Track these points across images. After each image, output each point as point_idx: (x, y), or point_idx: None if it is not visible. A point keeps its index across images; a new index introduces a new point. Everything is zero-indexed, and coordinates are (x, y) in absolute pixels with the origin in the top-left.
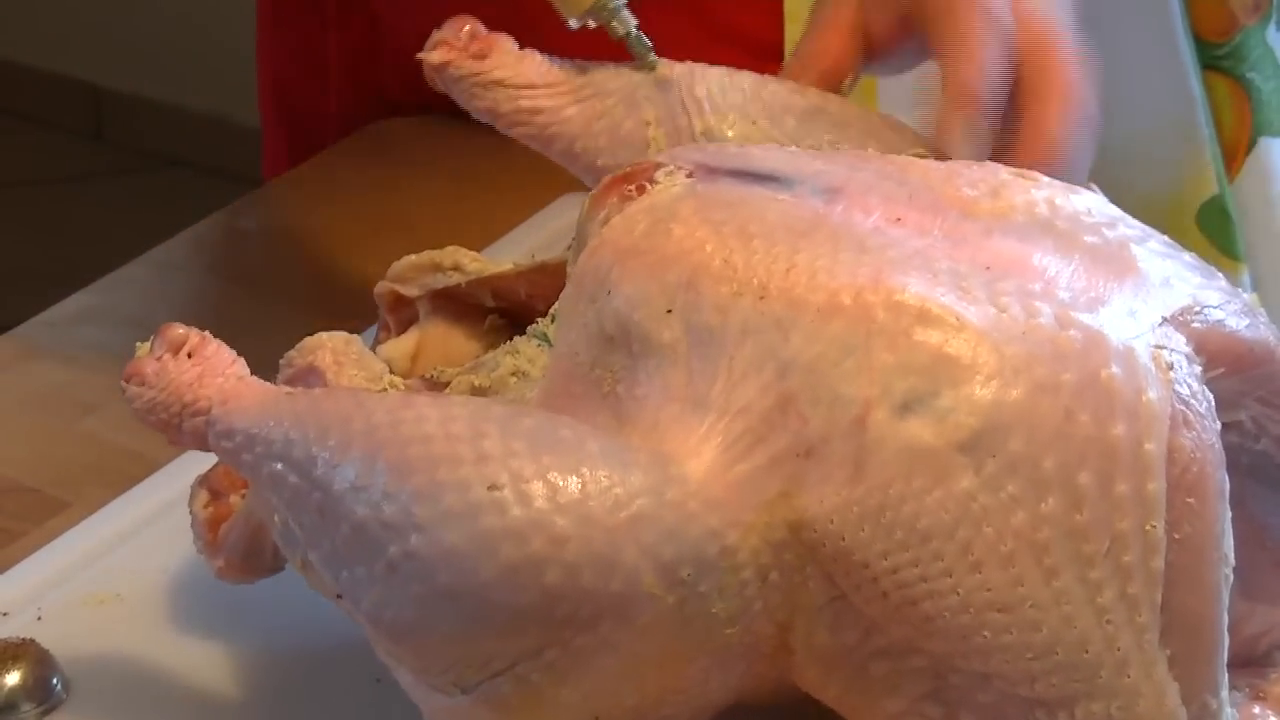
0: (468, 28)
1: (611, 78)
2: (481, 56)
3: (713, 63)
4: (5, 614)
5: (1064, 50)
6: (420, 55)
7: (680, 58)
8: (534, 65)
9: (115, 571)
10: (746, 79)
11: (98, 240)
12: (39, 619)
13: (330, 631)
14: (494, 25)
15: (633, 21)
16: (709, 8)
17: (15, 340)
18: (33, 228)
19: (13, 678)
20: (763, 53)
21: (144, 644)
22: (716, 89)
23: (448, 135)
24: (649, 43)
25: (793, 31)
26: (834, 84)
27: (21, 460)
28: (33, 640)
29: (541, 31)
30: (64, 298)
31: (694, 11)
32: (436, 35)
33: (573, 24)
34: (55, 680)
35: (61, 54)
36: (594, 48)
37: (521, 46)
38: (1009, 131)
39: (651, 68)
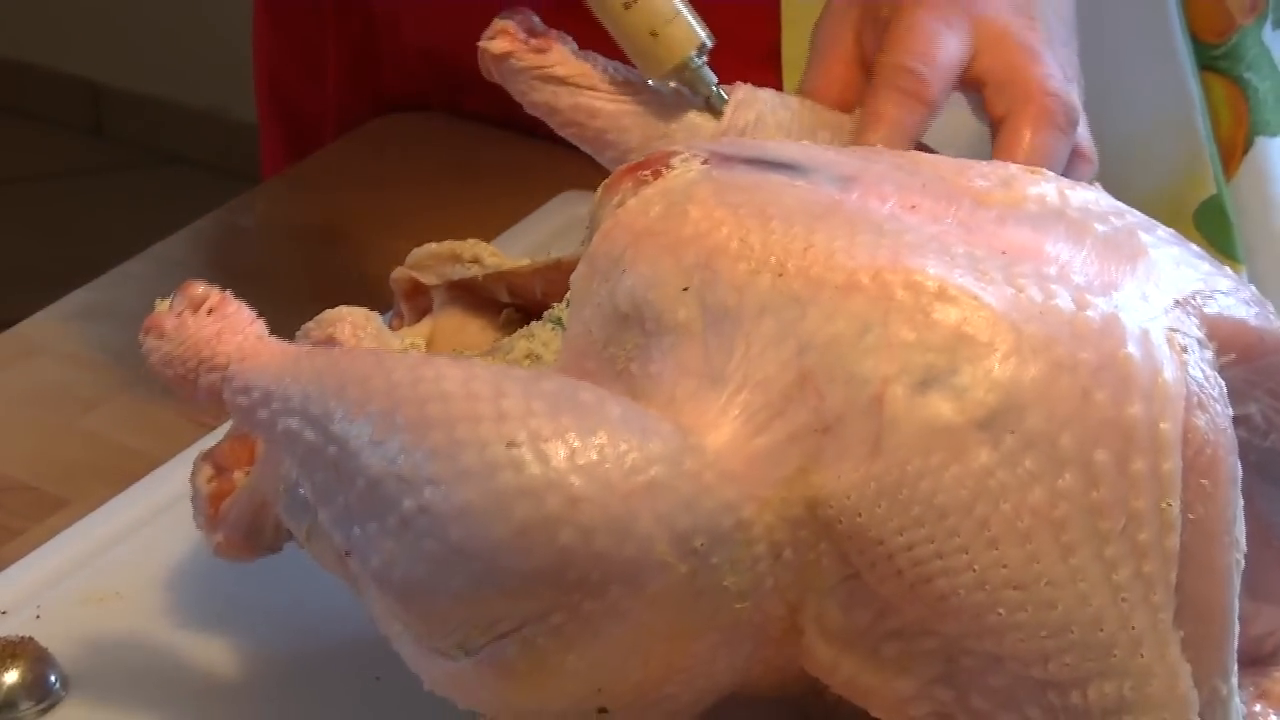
0: (527, 21)
1: (678, 107)
2: (541, 51)
3: (710, 66)
4: (4, 612)
5: (1031, 52)
6: (481, 44)
7: None
8: (595, 68)
9: (114, 569)
10: (793, 98)
11: (97, 237)
12: (38, 617)
13: (330, 630)
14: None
15: (714, 80)
16: (705, 12)
17: (15, 337)
18: (32, 224)
19: (11, 676)
20: (759, 57)
21: (143, 642)
22: (768, 109)
23: (446, 132)
24: (727, 98)
25: (790, 36)
26: (848, 111)
27: (21, 457)
28: (31, 638)
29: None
30: (64, 295)
31: None
32: (496, 24)
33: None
34: (54, 678)
35: (61, 50)
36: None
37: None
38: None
39: (720, 116)
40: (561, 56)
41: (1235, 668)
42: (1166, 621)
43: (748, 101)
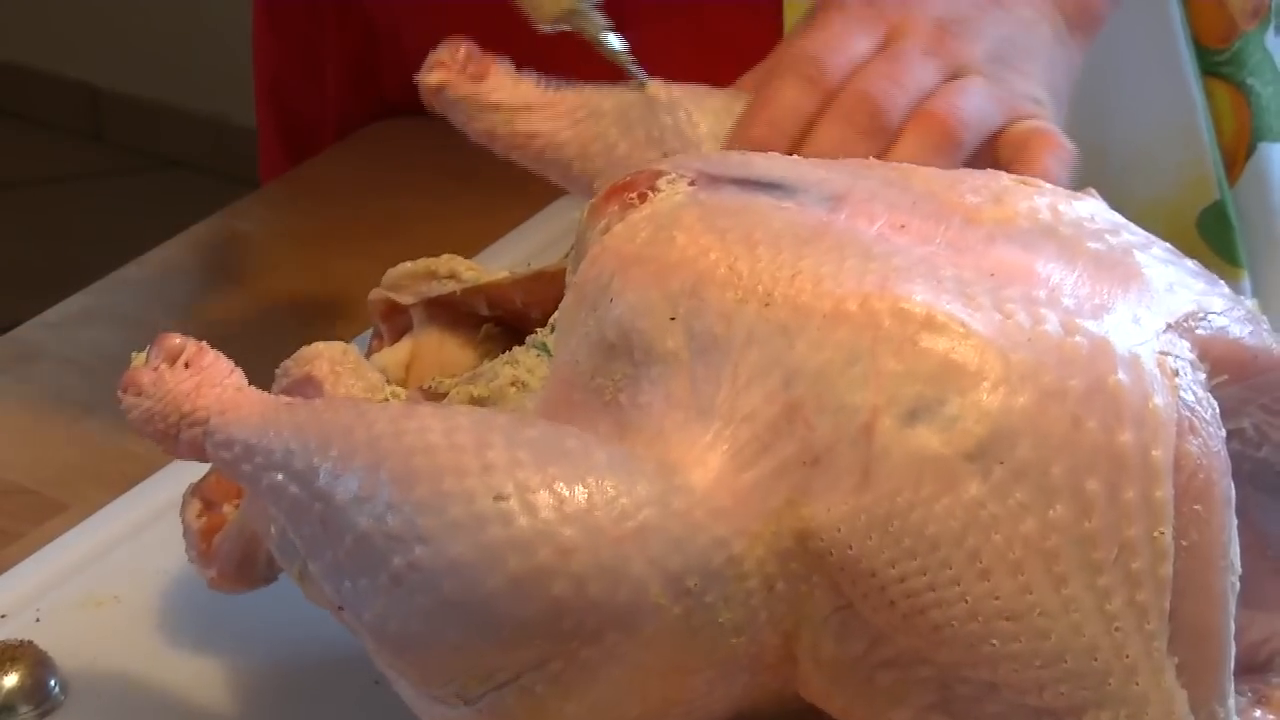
0: (464, 50)
1: (605, 98)
2: (479, 78)
3: (711, 72)
4: (3, 615)
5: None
6: (417, 77)
7: (678, 68)
8: (531, 88)
9: (113, 573)
10: (745, 102)
11: (96, 241)
12: (37, 621)
13: (329, 634)
14: (487, 37)
15: (604, 24)
16: (707, 18)
17: (14, 341)
18: (31, 229)
19: (10, 679)
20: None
21: (142, 646)
22: (713, 118)
23: (445, 137)
24: (620, 47)
25: None
26: None
27: (20, 462)
28: (31, 642)
29: (533, 43)
30: (62, 299)
31: (692, 22)
32: (433, 57)
33: (545, 29)
34: (53, 682)
35: (61, 55)
36: (589, 64)
37: (518, 66)
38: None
39: (640, 85)
40: (498, 82)
41: (1232, 690)
42: (1161, 649)
43: (693, 101)
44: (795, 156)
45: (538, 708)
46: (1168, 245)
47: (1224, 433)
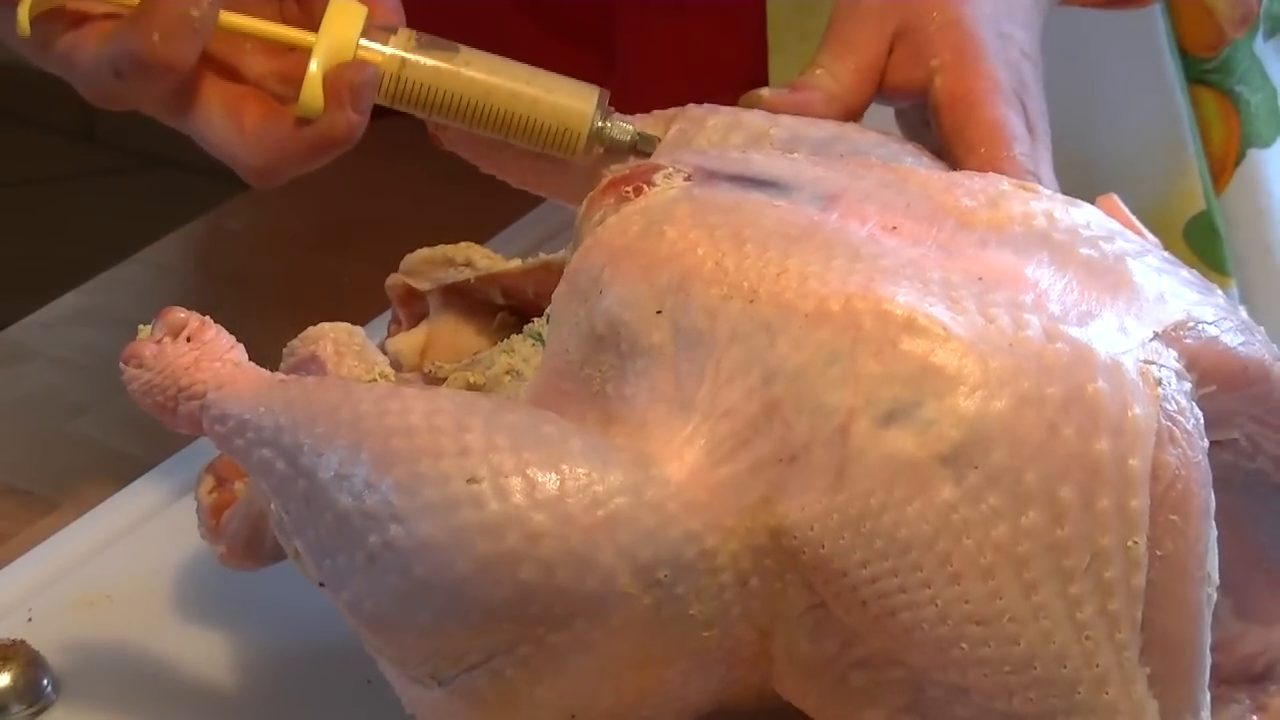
0: None
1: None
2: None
3: (695, 90)
4: None
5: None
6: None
7: (664, 91)
8: None
9: (106, 573)
10: (756, 117)
11: (88, 241)
12: (29, 620)
13: (322, 633)
14: (458, 29)
15: (630, 127)
16: (692, 40)
17: (6, 341)
18: (23, 228)
19: (3, 679)
20: (746, 85)
21: (134, 645)
22: (718, 138)
23: None
24: (654, 138)
25: (776, 63)
26: (839, 118)
27: (13, 461)
28: (23, 641)
29: (505, 33)
30: (55, 298)
31: (676, 41)
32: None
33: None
34: (45, 681)
35: None
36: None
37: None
38: None
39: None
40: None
41: (1207, 701)
42: (1132, 659)
43: (695, 124)
44: (795, 155)
45: (508, 691)
46: (1166, 254)
47: (1207, 443)
